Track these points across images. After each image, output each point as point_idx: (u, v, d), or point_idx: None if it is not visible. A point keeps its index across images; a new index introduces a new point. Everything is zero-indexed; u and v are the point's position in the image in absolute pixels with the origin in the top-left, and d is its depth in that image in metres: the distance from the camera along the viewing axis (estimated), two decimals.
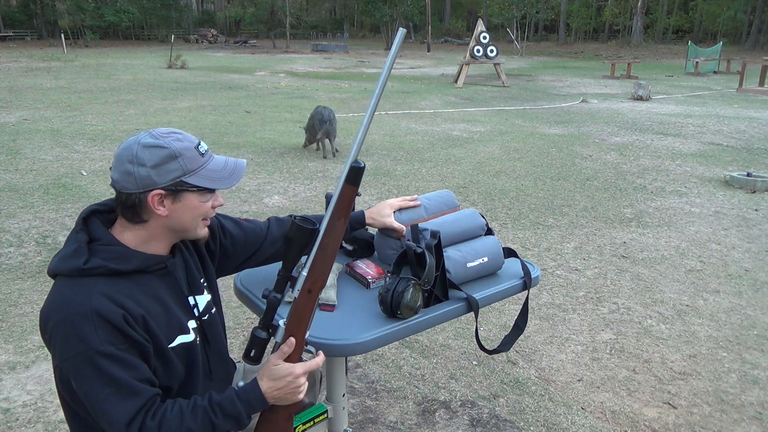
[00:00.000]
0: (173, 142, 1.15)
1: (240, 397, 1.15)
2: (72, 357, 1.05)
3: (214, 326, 1.37)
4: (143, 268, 1.17)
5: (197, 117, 9.30)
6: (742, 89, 14.90)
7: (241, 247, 1.46)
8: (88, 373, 1.06)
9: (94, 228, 1.17)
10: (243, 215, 4.69)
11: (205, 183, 1.17)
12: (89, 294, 1.08)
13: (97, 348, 1.05)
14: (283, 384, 1.16)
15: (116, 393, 1.06)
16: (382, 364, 2.69)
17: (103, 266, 1.11)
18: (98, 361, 1.05)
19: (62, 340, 1.06)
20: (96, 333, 1.05)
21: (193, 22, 46.89)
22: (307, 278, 1.16)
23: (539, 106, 11.78)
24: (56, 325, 1.07)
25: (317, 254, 1.16)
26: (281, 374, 1.16)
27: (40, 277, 3.48)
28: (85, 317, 1.05)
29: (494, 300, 1.56)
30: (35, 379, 2.49)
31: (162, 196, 1.14)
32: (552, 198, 5.39)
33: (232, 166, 1.22)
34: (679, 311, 3.28)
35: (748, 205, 5.28)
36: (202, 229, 1.24)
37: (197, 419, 1.11)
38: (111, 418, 1.06)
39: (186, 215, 1.18)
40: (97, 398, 1.06)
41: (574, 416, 2.36)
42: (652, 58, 29.69)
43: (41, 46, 29.02)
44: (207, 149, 1.20)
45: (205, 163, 1.18)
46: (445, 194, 1.76)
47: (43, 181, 5.44)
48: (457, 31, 48.05)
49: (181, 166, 1.14)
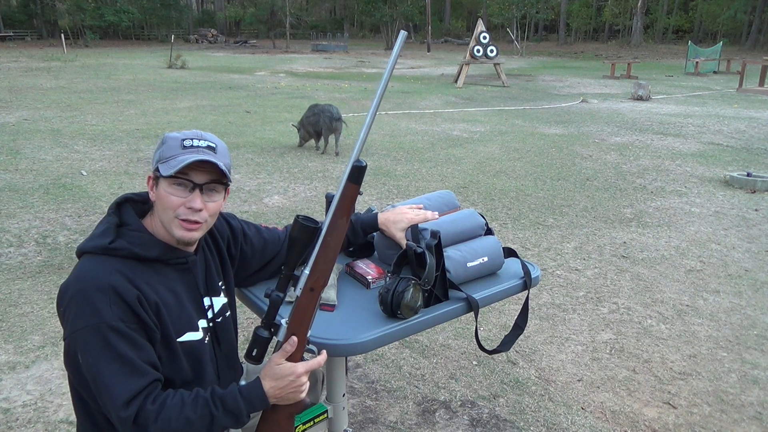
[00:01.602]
0: (174, 133, 1.21)
1: (242, 394, 1.15)
2: (83, 328, 1.08)
3: (227, 330, 1.38)
4: (164, 258, 1.21)
5: (197, 117, 9.30)
6: (742, 89, 14.90)
7: (259, 255, 1.47)
8: (96, 346, 1.07)
9: (126, 214, 1.22)
10: (243, 215, 4.69)
11: (163, 170, 1.16)
12: (109, 270, 1.12)
13: (109, 322, 1.08)
14: (285, 383, 1.16)
15: (120, 370, 1.08)
16: (382, 364, 2.69)
17: (127, 249, 1.15)
18: (108, 335, 1.07)
19: (76, 311, 1.09)
20: (110, 307, 1.08)
21: (193, 22, 46.89)
22: (309, 277, 1.17)
23: (539, 106, 11.78)
24: (73, 296, 1.10)
25: (319, 253, 1.16)
26: (283, 373, 1.16)
27: (40, 277, 3.48)
28: (102, 290, 1.09)
29: (494, 300, 1.55)
30: (35, 379, 2.49)
31: (152, 180, 1.21)
32: (552, 198, 5.39)
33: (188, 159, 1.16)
34: (679, 311, 3.28)
35: (748, 205, 5.28)
36: (178, 230, 1.19)
37: (197, 409, 1.12)
38: (112, 394, 1.07)
39: (160, 205, 1.19)
40: (101, 372, 1.07)
41: (574, 416, 2.36)
42: (652, 58, 29.69)
43: (41, 46, 29.02)
44: (196, 145, 1.18)
45: (179, 154, 1.17)
46: (446, 194, 1.76)
47: (43, 181, 5.44)
48: (457, 31, 48.05)
49: (161, 152, 1.19)
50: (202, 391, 1.16)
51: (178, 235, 1.20)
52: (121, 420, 1.07)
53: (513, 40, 34.04)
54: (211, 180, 1.20)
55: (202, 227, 1.22)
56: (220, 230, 1.40)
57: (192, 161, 1.15)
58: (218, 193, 1.23)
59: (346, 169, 1.15)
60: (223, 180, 1.21)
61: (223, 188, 1.23)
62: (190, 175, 1.17)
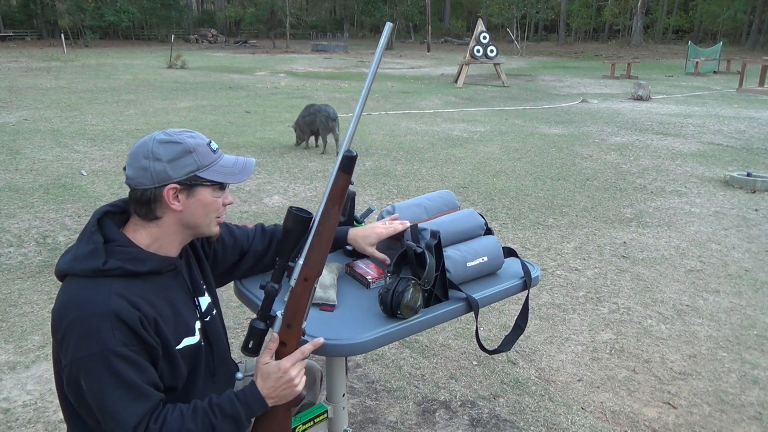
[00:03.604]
0: (187, 138, 1.18)
1: (239, 398, 1.16)
2: (86, 356, 1.06)
3: (216, 328, 1.37)
4: (157, 269, 1.19)
5: (197, 117, 9.30)
6: (742, 89, 14.90)
7: (230, 253, 1.47)
8: (101, 374, 1.06)
9: (108, 229, 1.18)
10: (243, 215, 4.69)
11: (218, 177, 1.20)
12: (107, 295, 1.09)
13: (113, 349, 1.06)
14: (275, 381, 1.17)
15: (126, 395, 1.07)
16: (382, 364, 2.69)
17: (120, 267, 1.13)
18: (112, 362, 1.06)
19: (77, 339, 1.07)
20: (113, 334, 1.06)
21: (193, 22, 46.88)
22: (303, 267, 1.18)
23: (539, 106, 11.78)
24: (72, 323, 1.07)
25: (313, 242, 1.18)
26: (270, 371, 1.17)
27: (40, 277, 3.48)
28: (103, 317, 1.07)
29: (494, 300, 1.55)
30: (35, 379, 2.49)
31: (177, 190, 1.17)
32: (552, 198, 5.39)
33: (242, 163, 1.25)
34: (679, 311, 3.28)
35: (748, 205, 5.28)
36: (215, 226, 1.26)
37: (197, 421, 1.12)
38: (120, 420, 1.07)
39: (199, 210, 1.20)
40: (107, 399, 1.07)
41: (574, 416, 2.36)
42: (652, 58, 29.69)
43: (41, 46, 29.03)
44: (218, 147, 1.24)
45: (216, 159, 1.21)
46: (446, 194, 1.76)
47: (43, 181, 5.44)
48: (457, 31, 48.04)
49: (195, 160, 1.18)
50: (200, 402, 1.16)
51: (215, 231, 1.27)
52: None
53: (513, 40, 34.04)
54: None
55: None
56: None
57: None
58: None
59: (337, 159, 1.18)
60: None
61: None
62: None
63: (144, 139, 1.18)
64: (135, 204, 1.18)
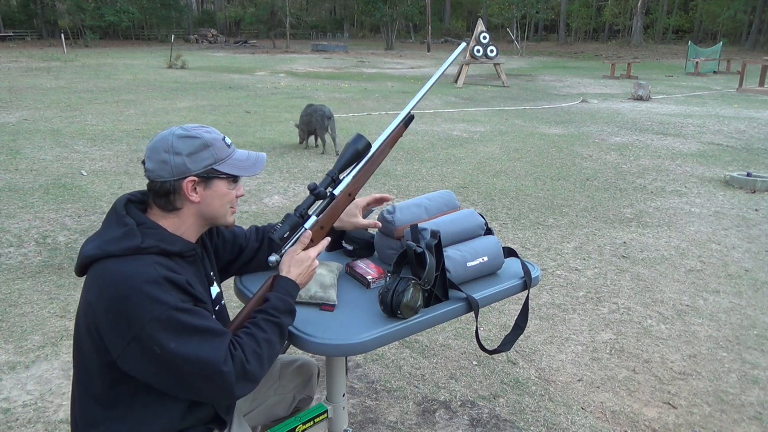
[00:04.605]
0: (204, 133, 1.24)
1: (282, 293, 1.28)
2: (152, 319, 1.09)
3: (224, 318, 1.42)
4: (183, 252, 1.24)
5: (197, 117, 9.30)
6: (742, 89, 14.90)
7: (230, 248, 1.52)
8: (173, 329, 1.10)
9: (135, 214, 1.23)
10: (243, 215, 4.69)
11: (233, 170, 1.27)
12: (151, 265, 1.14)
13: (176, 305, 1.11)
14: (304, 268, 1.33)
15: (203, 339, 1.13)
16: (382, 364, 2.70)
17: (156, 246, 1.18)
18: (178, 316, 1.11)
19: (136, 308, 1.09)
20: (169, 293, 1.12)
21: (193, 22, 46.89)
22: (351, 182, 1.41)
23: (539, 106, 11.78)
24: (125, 296, 1.10)
25: (365, 166, 1.43)
26: (302, 259, 1.33)
27: (40, 277, 3.48)
28: (156, 282, 1.11)
29: (494, 300, 1.55)
30: (35, 379, 2.49)
31: (195, 182, 1.23)
32: (552, 198, 5.39)
33: (254, 157, 1.32)
34: (679, 311, 3.28)
35: (748, 205, 5.28)
36: (230, 216, 1.33)
37: (266, 329, 1.22)
38: (209, 361, 1.11)
39: (216, 201, 1.26)
40: (188, 350, 1.11)
41: (574, 416, 2.36)
42: (652, 58, 29.69)
43: (41, 46, 29.03)
44: (231, 142, 1.30)
45: (231, 153, 1.28)
46: (446, 194, 1.76)
47: (43, 181, 5.44)
48: (457, 31, 48.05)
49: (213, 154, 1.24)
50: (253, 317, 1.25)
51: (231, 221, 1.34)
52: (225, 375, 1.12)
53: (513, 40, 34.04)
54: None
55: None
56: None
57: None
58: None
59: (401, 113, 1.48)
60: None
61: None
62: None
63: (163, 134, 1.23)
64: (154, 195, 1.23)
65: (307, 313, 1.39)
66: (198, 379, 1.13)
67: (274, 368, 1.63)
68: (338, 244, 1.74)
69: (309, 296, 1.43)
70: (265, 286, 1.32)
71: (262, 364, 1.19)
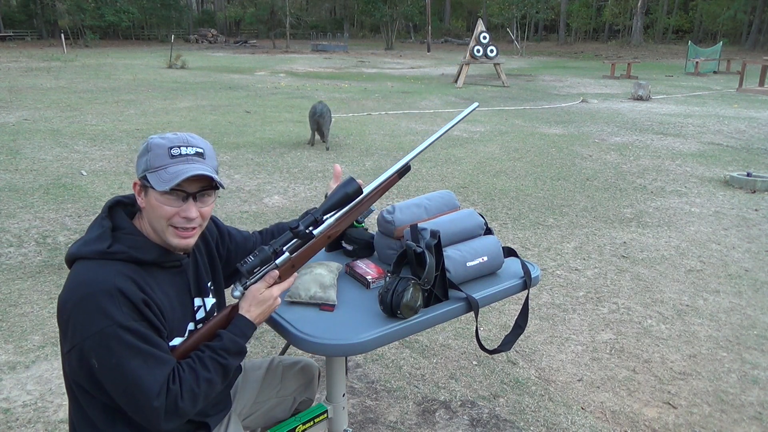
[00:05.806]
0: (158, 139, 1.18)
1: (236, 333, 1.22)
2: (96, 333, 1.07)
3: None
4: (160, 261, 1.20)
5: (197, 117, 9.30)
6: (742, 89, 14.90)
7: (241, 253, 1.49)
8: (114, 347, 1.07)
9: (118, 217, 1.21)
10: (243, 215, 4.69)
11: (154, 181, 1.14)
12: (111, 273, 1.11)
13: (122, 322, 1.08)
14: (266, 306, 1.27)
15: (144, 364, 1.09)
16: (382, 364, 2.69)
17: (125, 252, 1.15)
18: (123, 335, 1.07)
19: (84, 318, 1.08)
20: (120, 309, 1.08)
21: (193, 22, 46.87)
22: (333, 225, 1.36)
23: (539, 106, 11.78)
24: (78, 303, 1.08)
25: (349, 211, 1.39)
26: (265, 299, 1.26)
27: (40, 277, 3.48)
28: (109, 294, 1.08)
29: (494, 300, 1.55)
30: (35, 379, 2.49)
31: (138, 186, 1.20)
32: (552, 198, 5.39)
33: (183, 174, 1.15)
34: (679, 311, 3.28)
35: (748, 205, 5.28)
36: (173, 237, 1.19)
37: (209, 368, 1.17)
38: (143, 388, 1.08)
39: (152, 213, 1.18)
40: (126, 371, 1.08)
41: (574, 416, 2.36)
42: (652, 58, 29.69)
43: (41, 46, 29.02)
44: (187, 155, 1.17)
45: (169, 165, 1.15)
46: (446, 194, 1.76)
47: (43, 181, 5.44)
48: (457, 31, 48.05)
49: (147, 160, 1.17)
50: (201, 352, 1.19)
51: (175, 243, 1.20)
52: (155, 410, 1.09)
53: (513, 40, 34.03)
54: (203, 188, 1.20)
55: (196, 232, 1.23)
56: (210, 230, 1.42)
57: (187, 177, 1.14)
58: (210, 197, 1.23)
59: (398, 163, 1.47)
60: (213, 184, 1.21)
61: (214, 191, 1.24)
62: (182, 185, 1.15)
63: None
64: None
65: (307, 313, 1.39)
66: (127, 401, 1.11)
67: (276, 371, 1.63)
68: (338, 244, 1.74)
69: (309, 296, 1.43)
70: (222, 314, 1.26)
71: (196, 403, 1.15)
